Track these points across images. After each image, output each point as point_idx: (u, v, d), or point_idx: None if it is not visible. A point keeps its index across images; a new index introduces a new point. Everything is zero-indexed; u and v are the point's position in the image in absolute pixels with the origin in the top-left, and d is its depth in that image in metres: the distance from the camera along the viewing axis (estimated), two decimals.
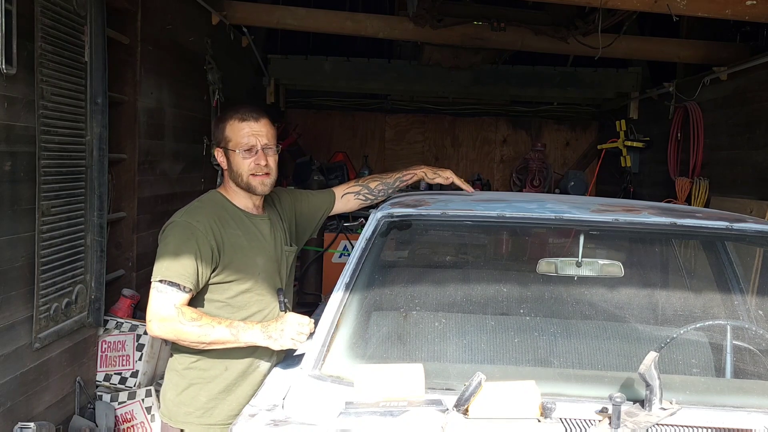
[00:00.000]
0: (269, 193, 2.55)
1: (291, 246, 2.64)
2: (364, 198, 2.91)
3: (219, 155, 2.49)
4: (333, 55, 7.85)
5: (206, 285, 2.36)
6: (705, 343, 2.34)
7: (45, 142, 3.12)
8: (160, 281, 2.26)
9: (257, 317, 2.41)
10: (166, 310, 2.23)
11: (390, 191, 2.95)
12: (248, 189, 2.45)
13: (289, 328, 2.13)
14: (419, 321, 2.32)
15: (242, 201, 2.48)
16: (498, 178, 9.29)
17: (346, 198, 2.87)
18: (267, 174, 2.44)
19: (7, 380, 2.95)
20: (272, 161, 2.45)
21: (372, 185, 2.92)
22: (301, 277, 7.87)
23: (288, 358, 2.30)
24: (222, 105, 5.56)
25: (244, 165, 2.41)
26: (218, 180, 2.36)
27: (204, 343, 2.22)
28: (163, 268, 2.27)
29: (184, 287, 2.25)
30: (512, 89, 8.11)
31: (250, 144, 2.40)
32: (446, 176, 2.97)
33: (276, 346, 2.16)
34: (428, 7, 5.64)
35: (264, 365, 2.45)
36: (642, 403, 1.76)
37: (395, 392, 1.79)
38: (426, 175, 3.00)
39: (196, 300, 2.35)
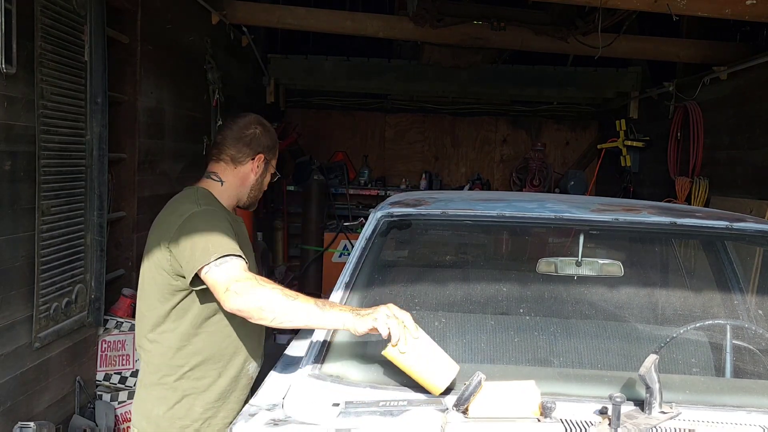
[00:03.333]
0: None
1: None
2: None
3: (260, 162, 2.47)
4: (333, 54, 7.85)
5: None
6: (705, 343, 2.34)
7: (45, 141, 3.12)
8: (216, 259, 2.07)
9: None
10: (239, 272, 2.05)
11: None
12: (253, 202, 2.55)
13: (385, 310, 1.86)
14: (419, 320, 2.30)
15: (228, 202, 2.48)
16: (498, 178, 9.29)
17: None
18: None
19: (7, 380, 2.95)
20: None
21: None
22: (300, 277, 7.88)
23: (287, 357, 2.30)
24: (222, 105, 5.57)
25: (265, 183, 2.55)
26: (215, 177, 2.30)
27: (287, 312, 1.95)
28: (210, 248, 2.10)
29: (240, 256, 2.12)
30: (512, 89, 8.11)
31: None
32: None
33: (361, 327, 1.87)
34: (428, 6, 5.64)
35: (252, 369, 2.43)
36: (642, 405, 1.76)
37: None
38: None
39: (192, 303, 2.26)
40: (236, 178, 2.46)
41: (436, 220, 2.65)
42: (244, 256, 2.15)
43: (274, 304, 1.98)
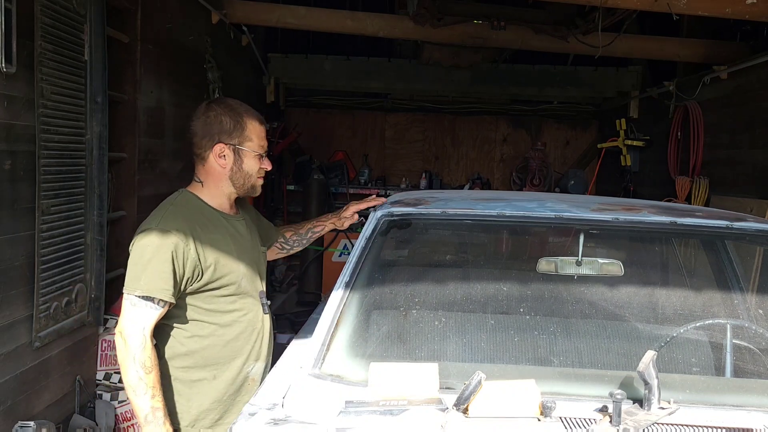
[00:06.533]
0: (241, 197, 2.54)
1: (264, 247, 2.61)
2: (280, 247, 2.88)
3: (225, 151, 2.33)
4: (333, 53, 7.85)
5: (187, 293, 2.27)
6: (705, 342, 2.34)
7: (45, 141, 3.12)
8: (139, 296, 2.16)
9: (242, 321, 2.37)
10: (134, 332, 2.15)
11: (303, 242, 2.90)
12: (250, 190, 2.42)
13: None
14: (419, 320, 2.32)
15: (218, 201, 2.39)
16: (498, 177, 9.29)
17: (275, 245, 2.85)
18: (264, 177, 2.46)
19: (7, 379, 2.95)
20: None
21: (287, 235, 2.88)
22: (300, 277, 7.87)
23: (287, 357, 2.30)
24: None
25: (256, 167, 2.39)
26: (196, 179, 2.26)
27: (131, 392, 2.16)
28: (139, 281, 2.17)
29: (160, 301, 2.16)
30: (512, 88, 8.11)
31: (265, 147, 2.40)
32: (350, 213, 2.88)
33: None
34: (428, 5, 5.64)
35: (252, 371, 2.42)
36: (641, 402, 1.76)
37: (409, 391, 1.77)
38: (335, 224, 2.91)
39: (178, 306, 2.27)
40: (209, 176, 2.38)
41: (436, 220, 2.65)
42: (164, 301, 2.17)
43: (125, 376, 2.16)
